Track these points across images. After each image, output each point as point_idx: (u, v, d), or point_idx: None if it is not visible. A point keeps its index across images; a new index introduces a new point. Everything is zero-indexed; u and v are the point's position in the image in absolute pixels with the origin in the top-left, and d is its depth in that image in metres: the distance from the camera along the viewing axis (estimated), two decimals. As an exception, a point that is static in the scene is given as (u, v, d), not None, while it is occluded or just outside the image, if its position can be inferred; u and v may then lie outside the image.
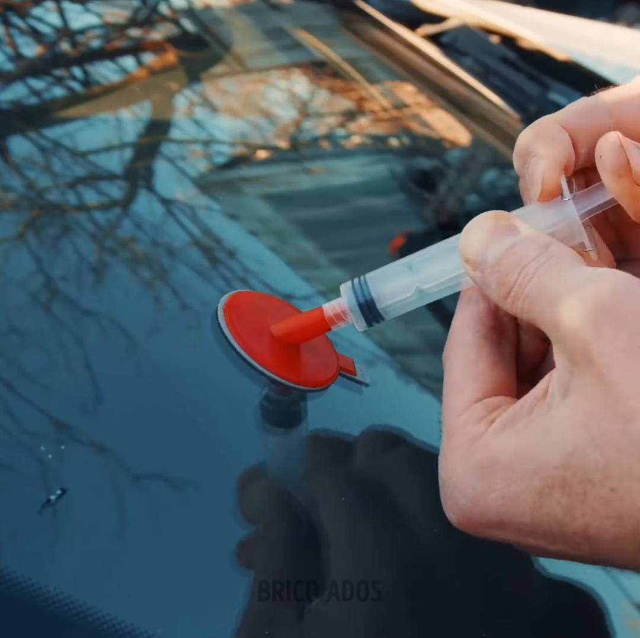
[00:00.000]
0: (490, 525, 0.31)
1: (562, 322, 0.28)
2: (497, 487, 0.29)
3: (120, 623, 0.33)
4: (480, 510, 0.30)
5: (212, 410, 0.43)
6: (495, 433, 0.30)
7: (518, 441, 0.29)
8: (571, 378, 0.28)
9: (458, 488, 0.31)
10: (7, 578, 0.32)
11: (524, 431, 0.29)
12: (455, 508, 0.31)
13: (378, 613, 0.36)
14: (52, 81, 0.68)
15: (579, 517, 0.28)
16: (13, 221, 0.50)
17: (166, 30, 0.86)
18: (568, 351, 0.28)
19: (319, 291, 0.56)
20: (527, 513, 0.29)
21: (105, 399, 0.40)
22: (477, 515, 0.31)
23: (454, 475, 0.31)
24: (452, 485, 0.31)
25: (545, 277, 0.29)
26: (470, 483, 0.30)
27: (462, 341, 0.34)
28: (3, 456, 0.36)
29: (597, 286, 0.28)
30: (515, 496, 0.29)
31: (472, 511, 0.31)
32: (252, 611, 0.35)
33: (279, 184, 0.70)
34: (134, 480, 0.37)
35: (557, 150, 0.34)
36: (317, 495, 0.40)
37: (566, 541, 0.29)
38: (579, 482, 0.27)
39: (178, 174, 0.61)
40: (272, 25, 0.98)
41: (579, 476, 0.27)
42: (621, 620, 0.45)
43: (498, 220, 0.32)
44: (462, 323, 0.35)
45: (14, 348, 0.42)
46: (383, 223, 0.70)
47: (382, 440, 0.45)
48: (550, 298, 0.29)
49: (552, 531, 0.29)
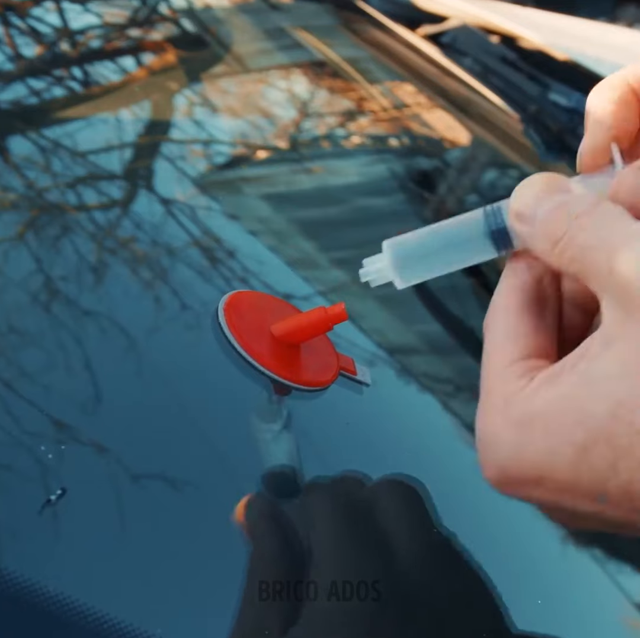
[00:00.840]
0: (527, 481, 0.29)
1: (617, 268, 0.28)
2: (536, 440, 0.29)
3: (120, 623, 0.33)
4: (518, 464, 0.29)
5: (212, 410, 0.43)
6: (535, 388, 0.29)
7: (560, 393, 0.28)
8: (620, 327, 0.28)
9: (496, 442, 0.30)
10: (7, 578, 0.32)
11: (567, 383, 0.28)
12: (493, 463, 0.30)
13: (378, 613, 0.36)
14: (52, 81, 0.68)
15: (624, 471, 0.27)
16: (13, 221, 0.50)
17: (166, 30, 0.86)
18: (620, 298, 0.28)
19: (319, 291, 0.56)
20: (567, 468, 0.28)
21: (105, 399, 0.40)
22: (514, 470, 0.30)
23: (492, 429, 0.30)
24: (489, 440, 0.30)
25: (599, 227, 0.29)
26: (509, 436, 0.29)
27: (504, 307, 0.34)
28: (3, 456, 0.36)
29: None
30: (555, 450, 0.28)
31: (509, 466, 0.30)
32: (252, 611, 0.35)
33: (279, 184, 0.70)
34: (134, 480, 0.37)
35: (603, 124, 0.34)
36: (318, 495, 0.40)
37: (606, 498, 0.28)
38: (626, 434, 0.26)
39: (178, 174, 0.61)
40: (272, 25, 0.98)
41: (626, 427, 0.26)
42: (621, 620, 0.45)
43: (550, 180, 0.32)
44: (505, 291, 0.35)
45: (14, 348, 0.42)
46: (383, 223, 0.70)
47: (381, 439, 0.45)
48: (605, 246, 0.28)
49: (593, 488, 0.28)
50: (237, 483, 0.40)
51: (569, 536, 0.47)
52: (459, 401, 0.55)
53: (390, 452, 0.45)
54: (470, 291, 0.67)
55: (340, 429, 0.44)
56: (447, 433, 0.52)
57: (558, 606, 0.43)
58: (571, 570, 0.45)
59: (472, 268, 0.35)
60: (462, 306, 0.63)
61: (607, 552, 0.48)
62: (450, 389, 0.56)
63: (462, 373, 0.58)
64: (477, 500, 0.46)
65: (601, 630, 0.44)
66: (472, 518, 0.44)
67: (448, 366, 0.59)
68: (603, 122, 0.34)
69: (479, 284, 0.67)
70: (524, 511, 0.48)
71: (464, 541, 0.41)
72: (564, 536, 0.47)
